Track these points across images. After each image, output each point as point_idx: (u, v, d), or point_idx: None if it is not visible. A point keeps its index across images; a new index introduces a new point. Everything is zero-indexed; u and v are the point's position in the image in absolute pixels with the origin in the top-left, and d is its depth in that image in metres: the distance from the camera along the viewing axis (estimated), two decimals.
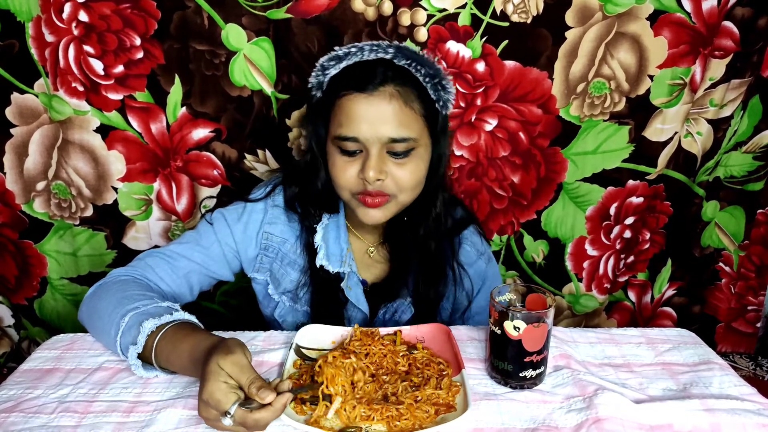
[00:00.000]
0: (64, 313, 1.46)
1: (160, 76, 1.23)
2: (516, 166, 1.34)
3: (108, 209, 1.33)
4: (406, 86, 0.88)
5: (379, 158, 0.88)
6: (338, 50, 0.92)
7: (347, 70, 0.90)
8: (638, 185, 1.37)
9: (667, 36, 1.22)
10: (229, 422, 0.64)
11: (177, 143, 1.29)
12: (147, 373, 0.78)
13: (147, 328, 0.77)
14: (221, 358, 0.66)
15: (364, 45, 0.91)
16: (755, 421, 0.69)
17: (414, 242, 1.01)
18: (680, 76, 1.26)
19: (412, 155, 0.90)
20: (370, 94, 0.87)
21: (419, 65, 0.89)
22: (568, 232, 1.43)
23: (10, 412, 0.71)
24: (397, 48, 0.90)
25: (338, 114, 0.89)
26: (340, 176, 0.91)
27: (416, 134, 0.89)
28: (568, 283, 1.49)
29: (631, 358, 0.85)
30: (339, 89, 0.89)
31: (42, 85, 1.23)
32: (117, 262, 1.40)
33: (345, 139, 0.88)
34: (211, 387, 0.65)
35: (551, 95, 1.27)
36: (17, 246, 1.38)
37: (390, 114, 0.87)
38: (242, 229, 1.00)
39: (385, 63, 0.89)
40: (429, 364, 0.79)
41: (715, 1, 1.20)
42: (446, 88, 0.93)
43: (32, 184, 1.31)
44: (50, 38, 1.18)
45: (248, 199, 1.02)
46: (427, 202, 0.99)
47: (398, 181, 0.90)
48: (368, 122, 0.87)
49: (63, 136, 1.26)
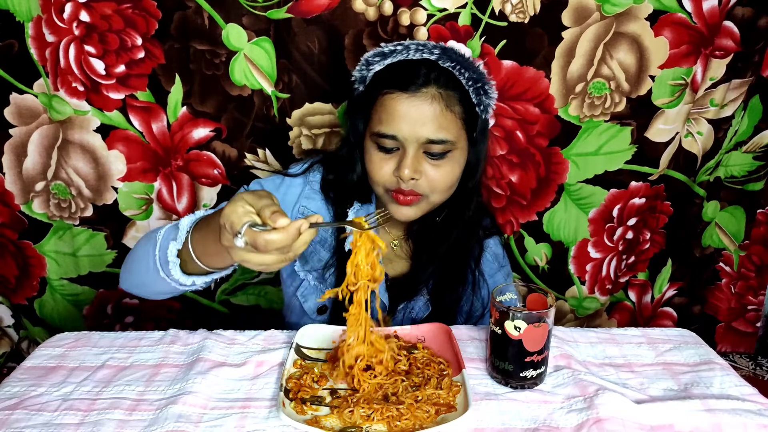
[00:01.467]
0: (65, 313, 1.46)
1: (161, 75, 1.23)
2: (513, 164, 1.34)
3: (108, 209, 1.33)
4: (449, 89, 0.88)
5: (415, 158, 0.88)
6: (384, 47, 0.92)
7: (391, 68, 0.91)
8: (641, 186, 1.37)
9: (668, 36, 1.22)
10: (240, 243, 0.65)
11: (177, 142, 1.29)
12: (184, 277, 0.82)
13: (186, 223, 0.82)
14: (245, 192, 0.71)
15: (410, 43, 0.92)
16: (756, 421, 0.69)
17: (439, 242, 1.01)
18: (682, 77, 1.26)
19: (448, 157, 0.90)
20: (412, 94, 0.87)
21: (463, 68, 0.90)
22: (571, 235, 1.42)
23: (14, 409, 0.72)
24: (443, 49, 0.90)
25: (379, 110, 0.90)
26: (376, 172, 0.92)
27: (454, 137, 0.89)
28: (571, 286, 1.49)
29: (632, 358, 0.85)
30: (382, 86, 0.90)
31: (41, 85, 1.23)
32: (117, 262, 1.40)
33: (384, 137, 0.89)
34: (228, 210, 0.67)
35: (549, 95, 1.27)
36: (17, 246, 1.38)
37: (430, 115, 0.87)
38: (280, 198, 0.96)
39: (429, 64, 0.89)
40: (429, 364, 0.79)
41: (715, 1, 1.20)
42: (488, 93, 0.93)
43: (31, 185, 1.31)
44: (51, 38, 1.18)
45: (287, 174, 1.03)
46: (459, 205, 0.99)
47: (432, 182, 0.90)
48: (408, 122, 0.87)
49: (63, 136, 1.26)
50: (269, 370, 0.80)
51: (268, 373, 0.79)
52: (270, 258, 0.68)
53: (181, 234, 0.81)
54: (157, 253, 0.83)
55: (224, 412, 0.71)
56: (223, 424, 0.69)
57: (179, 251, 0.82)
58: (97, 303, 1.46)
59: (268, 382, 0.77)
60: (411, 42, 0.92)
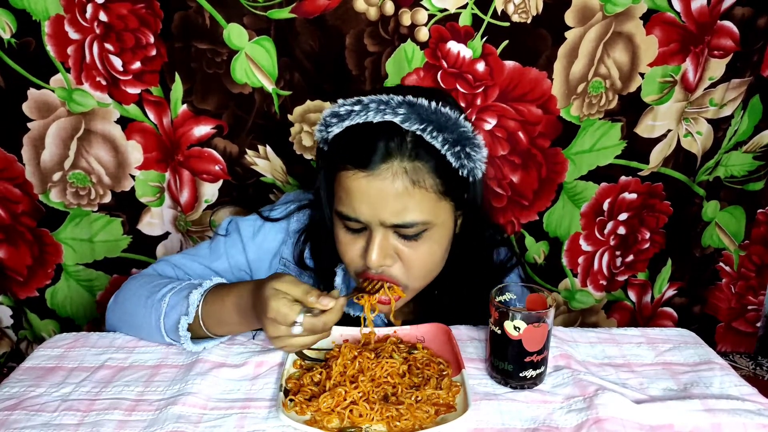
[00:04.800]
0: (78, 299, 1.50)
1: (166, 73, 1.27)
2: (515, 165, 1.34)
3: (125, 196, 1.39)
4: (418, 159, 0.75)
5: (383, 242, 0.77)
6: (340, 106, 0.79)
7: (349, 134, 0.78)
8: (630, 181, 1.38)
9: (657, 35, 1.23)
10: (299, 330, 0.70)
11: (179, 139, 1.32)
12: (195, 346, 0.82)
13: (195, 299, 0.80)
14: (274, 281, 0.71)
15: (371, 101, 0.76)
16: (756, 421, 0.69)
17: (445, 294, 0.90)
18: (670, 74, 1.27)
19: (425, 237, 0.78)
20: (370, 172, 0.74)
21: (436, 130, 0.74)
22: (565, 229, 1.44)
23: (13, 410, 0.72)
24: (410, 106, 0.75)
25: (338, 188, 0.79)
26: (344, 254, 0.82)
27: (427, 216, 0.76)
28: (564, 278, 1.50)
29: (632, 358, 0.85)
30: (338, 159, 0.78)
31: (59, 80, 1.28)
32: (132, 247, 1.45)
33: (346, 218, 0.78)
34: (275, 304, 0.69)
35: (551, 95, 1.27)
36: (35, 234, 1.42)
37: (393, 196, 0.74)
38: (257, 246, 0.93)
39: (391, 129, 0.75)
40: (429, 364, 0.79)
41: (704, 0, 1.21)
42: (471, 156, 0.77)
43: (49, 175, 1.36)
44: (75, 36, 1.24)
45: (266, 218, 0.94)
46: (458, 273, 0.87)
47: (408, 266, 0.79)
48: (368, 204, 0.75)
49: (85, 126, 1.33)
50: (269, 370, 0.80)
51: (267, 374, 0.79)
52: (315, 337, 0.73)
53: (192, 308, 0.80)
54: (162, 321, 0.82)
55: (224, 413, 0.71)
56: (222, 425, 0.69)
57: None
58: (110, 289, 1.49)
59: (268, 382, 0.77)
60: (372, 98, 0.76)
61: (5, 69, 1.26)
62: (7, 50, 1.24)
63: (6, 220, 1.40)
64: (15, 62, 1.25)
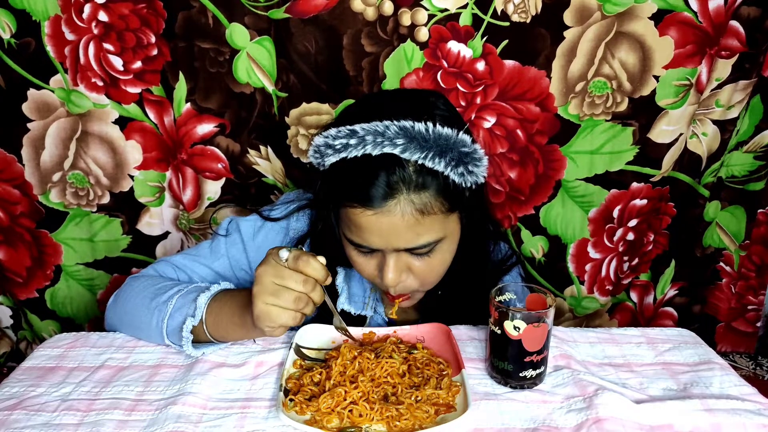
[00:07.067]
0: (78, 298, 1.50)
1: (168, 72, 1.27)
2: (513, 162, 1.34)
3: (124, 196, 1.39)
4: (423, 189, 0.74)
5: (397, 263, 0.79)
6: (335, 137, 0.75)
7: (348, 168, 0.75)
8: (642, 188, 1.36)
9: (673, 36, 1.21)
10: (285, 254, 0.72)
11: (182, 137, 1.32)
12: (195, 351, 0.81)
13: (203, 302, 0.81)
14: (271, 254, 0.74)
15: (367, 133, 0.73)
16: (756, 421, 0.69)
17: (448, 295, 0.92)
18: (687, 77, 1.25)
19: (437, 250, 0.80)
20: (378, 210, 0.73)
21: (437, 155, 0.73)
22: (570, 232, 1.42)
23: (13, 409, 0.72)
24: (408, 135, 0.72)
25: (345, 218, 0.78)
26: (360, 271, 0.84)
27: (439, 234, 0.78)
28: (570, 285, 1.49)
29: (632, 358, 0.85)
30: (341, 194, 0.77)
31: (59, 80, 1.28)
32: (131, 247, 1.45)
33: (356, 245, 0.80)
34: (262, 266, 0.72)
35: (549, 93, 1.26)
36: (34, 235, 1.43)
37: (403, 228, 0.74)
38: (257, 246, 0.94)
39: (392, 162, 0.73)
40: (429, 364, 0.79)
41: (721, 0, 1.19)
42: (473, 171, 0.77)
43: (48, 176, 1.37)
44: (71, 37, 1.24)
45: (267, 217, 0.94)
46: (460, 270, 0.88)
47: (422, 278, 0.82)
48: (379, 235, 0.76)
49: (82, 128, 1.33)
50: (269, 370, 0.80)
51: (267, 374, 0.79)
52: (290, 313, 0.73)
53: (199, 311, 0.81)
54: (165, 323, 0.83)
55: (224, 413, 0.71)
56: (222, 425, 0.69)
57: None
58: (111, 287, 1.49)
59: (268, 382, 0.77)
60: (367, 129, 0.73)
61: (5, 69, 1.26)
62: (7, 50, 1.25)
63: (5, 222, 1.40)
64: (15, 62, 1.26)
